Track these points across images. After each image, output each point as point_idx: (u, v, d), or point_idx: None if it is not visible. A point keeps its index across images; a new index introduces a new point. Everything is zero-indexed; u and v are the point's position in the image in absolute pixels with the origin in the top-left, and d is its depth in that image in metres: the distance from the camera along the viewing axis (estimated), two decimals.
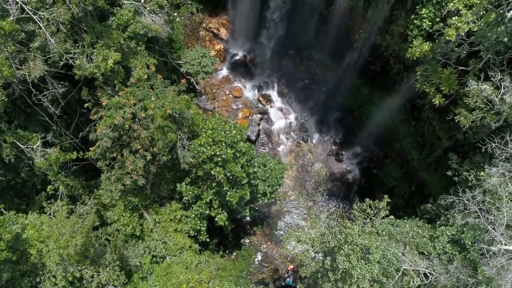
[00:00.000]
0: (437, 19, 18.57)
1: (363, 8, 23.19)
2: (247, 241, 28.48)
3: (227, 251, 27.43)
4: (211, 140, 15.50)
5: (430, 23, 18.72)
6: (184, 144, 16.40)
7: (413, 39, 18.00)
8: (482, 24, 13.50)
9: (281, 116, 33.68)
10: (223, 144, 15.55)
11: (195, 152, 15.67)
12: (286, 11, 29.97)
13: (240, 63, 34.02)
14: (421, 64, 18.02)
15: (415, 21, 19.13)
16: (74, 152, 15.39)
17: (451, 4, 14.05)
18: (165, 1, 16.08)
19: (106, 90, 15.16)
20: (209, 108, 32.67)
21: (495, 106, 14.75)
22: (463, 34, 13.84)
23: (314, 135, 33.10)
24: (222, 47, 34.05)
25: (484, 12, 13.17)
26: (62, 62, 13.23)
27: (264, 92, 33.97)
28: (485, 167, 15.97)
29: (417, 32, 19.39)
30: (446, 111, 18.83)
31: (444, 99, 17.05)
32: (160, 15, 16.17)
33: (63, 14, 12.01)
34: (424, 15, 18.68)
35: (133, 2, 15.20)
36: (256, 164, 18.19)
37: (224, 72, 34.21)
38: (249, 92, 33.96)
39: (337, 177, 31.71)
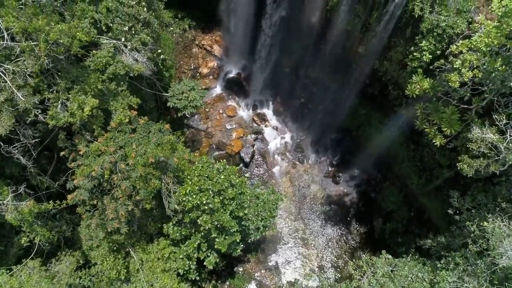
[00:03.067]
0: (438, 52, 17.64)
1: (360, 33, 22.17)
2: (241, 269, 27.55)
3: (219, 281, 26.51)
4: (197, 188, 14.53)
5: (430, 56, 17.78)
6: (170, 188, 15.41)
7: (413, 75, 17.00)
8: (487, 67, 12.51)
9: (277, 135, 32.69)
10: (210, 193, 14.59)
11: (180, 200, 14.69)
12: (281, 28, 28.92)
13: (234, 81, 33.01)
14: (421, 101, 17.02)
15: (414, 53, 18.16)
16: (51, 202, 14.37)
17: (454, 47, 13.04)
18: (148, 38, 15.03)
19: (84, 136, 14.15)
20: (202, 128, 31.72)
21: (500, 154, 13.78)
22: (467, 79, 12.85)
23: (310, 156, 32.13)
24: (215, 65, 33.06)
25: (489, 56, 12.18)
26: (31, 116, 12.19)
27: (259, 111, 32.98)
28: (488, 216, 15.01)
29: (417, 64, 18.44)
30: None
31: (445, 140, 16.07)
32: (143, 52, 15.13)
33: (31, 66, 11.00)
34: (424, 47, 17.72)
35: (113, 41, 14.14)
36: (247, 204, 17.19)
37: (217, 90, 33.21)
38: (244, 111, 32.96)
39: (334, 199, 30.76)
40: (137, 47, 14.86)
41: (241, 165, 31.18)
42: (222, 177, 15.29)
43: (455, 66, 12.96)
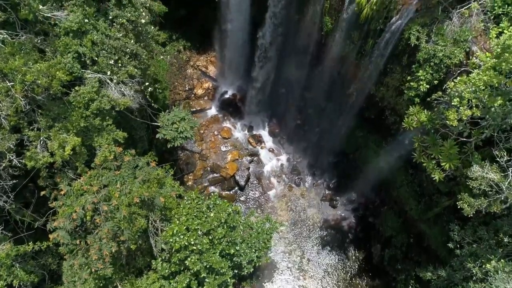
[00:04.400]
0: (435, 82, 17.14)
1: (355, 58, 21.76)
2: None
3: None
4: (184, 228, 13.85)
5: (427, 86, 17.27)
6: (157, 226, 14.71)
7: (410, 106, 16.50)
8: (486, 105, 11.98)
9: (272, 157, 32.08)
10: (199, 232, 13.90)
11: (168, 241, 13.98)
12: (277, 50, 28.59)
13: (230, 102, 32.56)
14: (418, 132, 16.47)
15: (411, 83, 17.67)
16: (30, 243, 13.65)
17: (452, 84, 12.53)
18: (135, 70, 14.52)
19: (66, 174, 13.50)
20: (196, 150, 31.12)
21: (502, 194, 13.16)
22: (466, 118, 12.30)
23: (307, 179, 31.47)
24: (210, 86, 32.66)
25: (488, 95, 11.64)
26: (5, 161, 11.60)
27: (254, 133, 32.43)
28: (491, 257, 14.31)
29: (414, 94, 17.92)
30: None
31: (444, 174, 15.47)
32: (130, 85, 14.59)
33: (5, 108, 10.44)
34: (421, 77, 17.22)
35: (98, 75, 13.62)
36: (239, 240, 16.46)
37: (212, 111, 32.73)
38: (239, 132, 32.41)
39: (331, 224, 30.00)
40: (124, 80, 14.31)
41: (236, 188, 30.49)
42: (212, 215, 14.61)
43: (453, 103, 12.43)
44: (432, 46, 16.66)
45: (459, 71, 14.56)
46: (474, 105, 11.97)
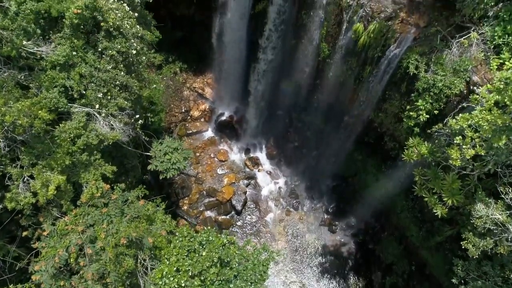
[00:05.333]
0: (435, 112, 16.67)
1: (353, 84, 21.36)
2: None
3: None
4: (174, 269, 13.14)
5: (427, 116, 16.80)
6: (146, 265, 13.97)
7: (410, 137, 15.98)
8: (490, 144, 11.44)
9: (270, 180, 31.42)
10: (189, 274, 13.18)
11: (157, 283, 13.24)
12: (274, 72, 28.25)
13: (226, 124, 32.08)
14: (419, 165, 15.90)
15: (411, 113, 17.20)
16: (11, 286, 12.88)
17: (453, 121, 12.02)
18: (125, 103, 14.02)
19: (50, 212, 12.85)
20: (192, 174, 30.48)
21: (509, 233, 12.51)
22: (469, 157, 11.75)
23: (305, 202, 30.75)
24: (207, 107, 32.25)
25: (492, 134, 11.11)
26: None
27: (251, 155, 31.85)
28: None
29: (413, 123, 17.44)
30: None
31: (447, 210, 14.83)
32: (120, 117, 14.07)
33: None
34: (421, 107, 16.77)
35: (86, 109, 13.11)
36: (233, 277, 15.67)
37: (209, 133, 32.22)
38: (236, 155, 31.84)
39: (330, 250, 29.15)
40: (113, 112, 13.79)
41: (232, 212, 29.76)
42: (204, 254, 13.89)
43: (455, 141, 11.90)
44: (431, 75, 16.25)
45: (460, 106, 14.06)
46: (477, 144, 11.43)
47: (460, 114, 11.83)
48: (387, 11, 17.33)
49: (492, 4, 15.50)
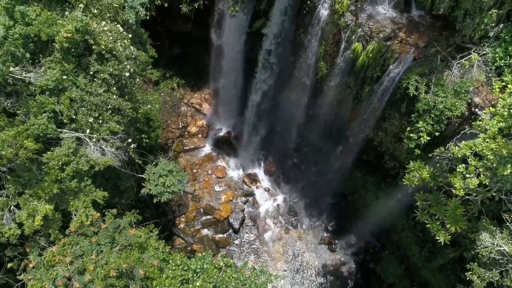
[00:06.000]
0: (436, 133, 16.28)
1: (352, 103, 21.01)
2: None
3: None
4: None
5: (428, 137, 16.39)
6: None
7: (409, 155, 15.56)
8: (495, 173, 11.00)
9: (268, 197, 30.88)
10: None
11: None
12: (273, 87, 27.96)
13: (224, 140, 31.70)
14: (421, 190, 15.42)
15: (411, 135, 16.79)
16: None
17: (456, 149, 11.60)
18: (118, 126, 13.61)
19: (37, 242, 12.33)
20: (189, 191, 29.95)
21: None
22: (473, 187, 11.30)
23: (304, 220, 30.17)
24: (204, 123, 31.90)
25: (497, 163, 10.68)
26: None
27: (249, 171, 31.37)
28: None
29: (414, 145, 17.02)
30: None
31: (450, 236, 14.33)
32: (111, 141, 13.64)
33: None
34: (421, 128, 16.37)
35: (76, 134, 12.69)
36: None
37: (206, 149, 31.80)
38: (234, 171, 31.36)
39: (330, 269, 28.46)
40: (105, 137, 13.36)
41: (230, 231, 29.15)
42: (198, 284, 13.34)
43: (458, 170, 11.45)
44: (432, 97, 15.89)
45: (462, 132, 13.66)
46: (481, 173, 11.00)
47: (463, 142, 11.41)
48: (386, 31, 17.06)
49: (493, 25, 15.24)
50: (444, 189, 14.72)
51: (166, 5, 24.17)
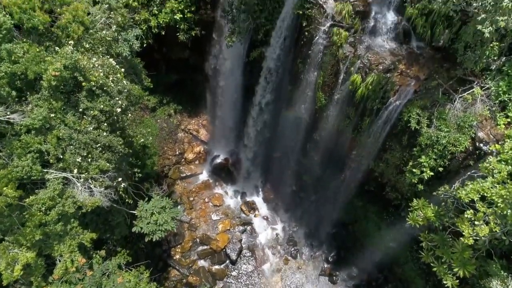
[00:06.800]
0: (440, 169, 15.69)
1: (352, 133, 20.50)
2: None
3: None
4: None
5: (431, 173, 15.79)
6: None
7: (414, 198, 14.90)
8: (507, 221, 10.33)
9: (267, 226, 29.99)
10: None
11: None
12: (271, 114, 27.55)
13: (222, 167, 31.03)
14: (426, 230, 14.70)
15: (414, 170, 16.20)
16: None
17: (463, 193, 10.98)
18: (108, 165, 13.01)
19: None
20: (185, 220, 29.11)
21: None
22: (483, 236, 10.61)
23: (304, 250, 29.18)
24: (202, 149, 31.33)
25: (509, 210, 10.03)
26: None
27: (247, 199, 30.60)
28: None
29: (417, 180, 16.41)
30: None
31: (458, 281, 13.51)
32: (101, 180, 13.02)
33: None
34: (424, 163, 15.79)
35: (62, 174, 12.07)
36: None
37: (203, 176, 31.12)
38: (231, 199, 30.59)
39: None
40: (93, 176, 12.73)
41: (227, 262, 28.13)
42: None
43: (466, 216, 10.80)
44: (434, 131, 15.39)
45: (468, 174, 13.06)
46: (491, 221, 10.33)
47: (470, 185, 10.79)
48: (385, 63, 16.72)
49: (495, 58, 14.88)
50: (450, 229, 14.03)
51: (163, 33, 24.05)
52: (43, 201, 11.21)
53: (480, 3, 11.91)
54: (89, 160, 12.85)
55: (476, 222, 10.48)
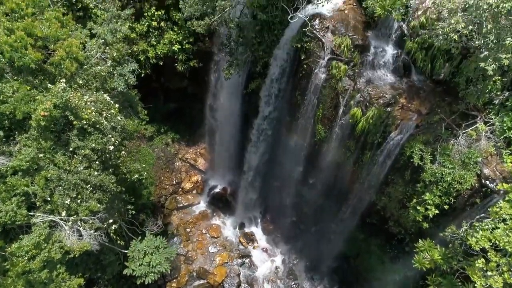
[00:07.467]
0: (446, 207, 15.08)
1: (353, 166, 19.99)
2: None
3: None
4: None
5: (436, 211, 15.17)
6: None
7: (419, 238, 14.24)
8: None
9: (266, 258, 29.02)
10: None
11: None
12: (270, 143, 27.08)
13: (220, 197, 30.37)
14: (433, 272, 13.96)
15: (418, 207, 15.58)
16: None
17: (473, 240, 10.36)
18: (98, 206, 12.42)
19: None
20: (182, 252, 28.16)
21: None
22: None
23: (304, 284, 28.12)
24: (199, 179, 30.74)
25: None
26: None
27: (246, 230, 29.76)
28: None
29: (421, 218, 15.76)
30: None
31: None
32: (90, 222, 12.38)
33: None
34: (429, 201, 15.19)
35: (50, 217, 11.46)
36: None
37: (201, 206, 30.39)
38: (229, 230, 29.76)
39: None
40: (83, 217, 12.11)
41: None
42: None
43: (477, 265, 10.14)
44: (438, 168, 14.87)
45: (476, 217, 12.45)
46: (505, 272, 9.67)
47: (480, 232, 10.18)
48: (385, 96, 16.39)
49: (498, 93, 14.57)
50: (458, 272, 13.30)
51: (161, 63, 23.97)
52: (28, 248, 10.56)
53: (482, 41, 11.63)
54: (79, 201, 12.28)
55: (489, 273, 9.81)
